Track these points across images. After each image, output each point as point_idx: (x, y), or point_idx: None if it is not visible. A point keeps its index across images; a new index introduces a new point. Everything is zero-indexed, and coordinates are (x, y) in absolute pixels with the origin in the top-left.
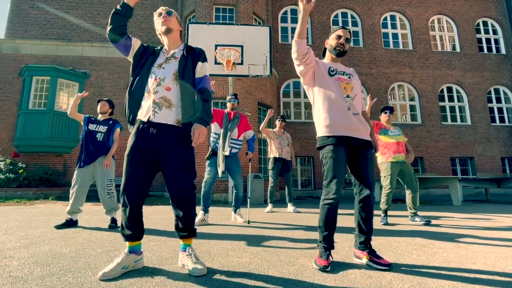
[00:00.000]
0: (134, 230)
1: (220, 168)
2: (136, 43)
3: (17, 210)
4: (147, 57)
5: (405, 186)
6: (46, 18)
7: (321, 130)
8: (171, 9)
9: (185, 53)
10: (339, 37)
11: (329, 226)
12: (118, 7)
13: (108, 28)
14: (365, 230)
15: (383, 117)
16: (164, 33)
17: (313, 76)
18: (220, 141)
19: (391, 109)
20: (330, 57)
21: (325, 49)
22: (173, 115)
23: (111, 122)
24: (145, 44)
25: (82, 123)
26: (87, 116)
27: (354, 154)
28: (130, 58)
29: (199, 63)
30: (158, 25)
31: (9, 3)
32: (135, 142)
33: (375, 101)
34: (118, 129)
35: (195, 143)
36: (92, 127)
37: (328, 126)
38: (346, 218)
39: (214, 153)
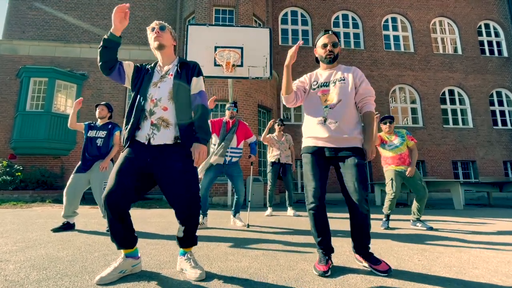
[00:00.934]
0: (121, 239)
1: (212, 160)
2: (129, 68)
3: (13, 213)
4: (142, 77)
5: (414, 194)
6: (44, 19)
7: (303, 141)
8: (165, 24)
9: (179, 69)
10: (324, 45)
11: (320, 231)
12: (106, 39)
13: (99, 64)
14: (357, 238)
15: (383, 128)
16: (157, 49)
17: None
18: (215, 147)
19: (391, 118)
20: (324, 66)
21: (316, 58)
22: (171, 133)
23: (110, 126)
24: (138, 65)
25: (83, 132)
26: (87, 124)
27: (335, 163)
28: (128, 85)
29: (194, 79)
30: (151, 40)
31: (7, 3)
32: (130, 157)
33: (377, 116)
34: (117, 132)
35: (196, 163)
36: (91, 133)
37: (306, 138)
38: (348, 222)
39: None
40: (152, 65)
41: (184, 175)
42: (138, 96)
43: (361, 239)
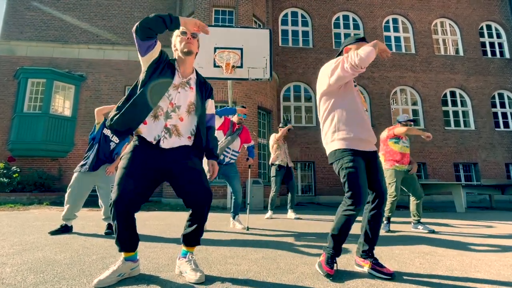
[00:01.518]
0: (127, 242)
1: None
2: (158, 47)
3: (10, 216)
4: (163, 68)
5: (410, 194)
6: (42, 19)
7: (339, 142)
8: (197, 32)
9: (199, 87)
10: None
11: (342, 236)
12: (169, 20)
13: (143, 27)
14: (372, 240)
15: (403, 128)
16: (184, 54)
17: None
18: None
19: (412, 121)
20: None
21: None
22: (181, 142)
23: None
24: (162, 50)
25: (98, 124)
26: (105, 120)
27: (368, 164)
28: (144, 60)
29: (209, 100)
30: (180, 43)
31: (5, 4)
32: (137, 157)
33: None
34: (127, 144)
35: (212, 178)
36: (107, 131)
37: (349, 139)
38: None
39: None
40: (172, 59)
41: (200, 171)
42: (155, 87)
43: (376, 236)
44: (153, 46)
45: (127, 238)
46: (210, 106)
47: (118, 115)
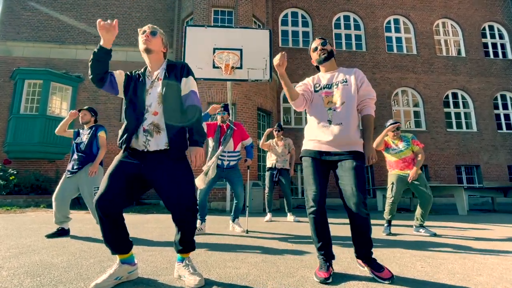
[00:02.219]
0: (115, 244)
1: (208, 177)
2: (120, 77)
3: (6, 218)
4: (134, 84)
5: (418, 199)
6: (39, 19)
7: (304, 144)
8: (157, 29)
9: (167, 72)
10: (315, 49)
11: (320, 236)
12: (96, 52)
13: (90, 77)
14: (358, 242)
15: (390, 134)
16: (144, 52)
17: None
18: (209, 154)
19: (397, 124)
20: (324, 68)
21: (317, 66)
22: (163, 139)
23: (93, 128)
24: (128, 72)
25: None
26: (76, 131)
27: (335, 166)
28: (121, 95)
29: (183, 79)
30: (139, 42)
31: (1, 4)
32: (123, 161)
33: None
34: (101, 132)
35: (194, 167)
36: (78, 139)
37: (308, 140)
38: (348, 228)
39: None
40: (142, 70)
41: (181, 179)
42: (132, 104)
43: (362, 243)
44: (113, 80)
45: (114, 240)
46: (185, 85)
47: (125, 141)
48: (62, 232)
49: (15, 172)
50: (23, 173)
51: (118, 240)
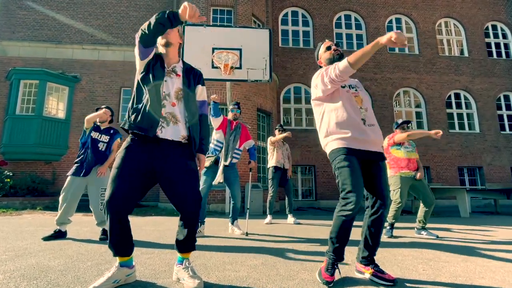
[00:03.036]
0: (121, 245)
1: (218, 179)
2: (154, 51)
3: (2, 221)
4: (154, 64)
5: (421, 201)
6: (35, 18)
7: (333, 143)
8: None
9: (186, 72)
10: (328, 48)
11: (341, 239)
12: (170, 17)
13: (143, 35)
14: (372, 246)
15: (403, 134)
16: (164, 46)
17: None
18: (223, 151)
19: (407, 123)
20: None
21: (320, 67)
22: (179, 131)
23: (112, 131)
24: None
25: (87, 129)
26: (94, 126)
27: (368, 167)
28: (141, 63)
29: (200, 86)
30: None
31: None
32: (130, 155)
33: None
34: (118, 139)
35: (201, 170)
36: (95, 135)
37: (342, 139)
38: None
39: (216, 161)
40: (159, 52)
41: (192, 173)
42: (155, 82)
43: (377, 242)
44: (151, 51)
45: (121, 242)
46: (201, 93)
47: (138, 116)
48: (59, 235)
49: (11, 174)
50: (19, 175)
51: (124, 241)
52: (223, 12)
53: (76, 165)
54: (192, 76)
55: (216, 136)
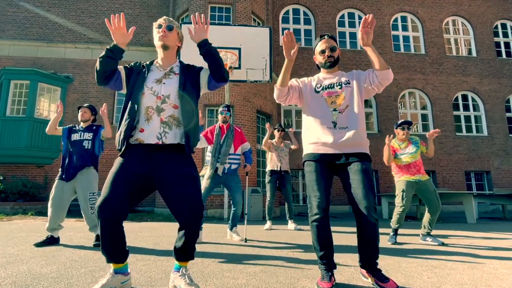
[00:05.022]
0: (113, 252)
1: (204, 184)
2: (122, 72)
3: None
4: (137, 74)
5: (426, 206)
6: (26, 16)
7: (305, 148)
8: (173, 23)
9: (183, 71)
10: (322, 51)
11: (322, 245)
12: (110, 49)
13: (97, 73)
14: (365, 250)
15: (399, 133)
16: (160, 48)
17: (299, 99)
18: (211, 158)
19: (409, 124)
20: (325, 70)
21: (317, 65)
22: (182, 134)
23: (94, 127)
24: (127, 65)
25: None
26: (66, 128)
27: (342, 170)
28: (124, 90)
29: (205, 69)
30: (155, 38)
31: None
32: (127, 163)
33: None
34: (103, 131)
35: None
36: (75, 137)
37: (310, 143)
38: (353, 236)
39: (216, 169)
40: (147, 63)
41: (193, 179)
42: (135, 92)
43: (369, 252)
44: (119, 76)
45: (113, 248)
46: (207, 73)
47: (119, 135)
48: (52, 241)
49: (1, 178)
50: (10, 179)
51: (117, 247)
52: (221, 9)
53: (61, 169)
54: (190, 72)
55: (208, 148)
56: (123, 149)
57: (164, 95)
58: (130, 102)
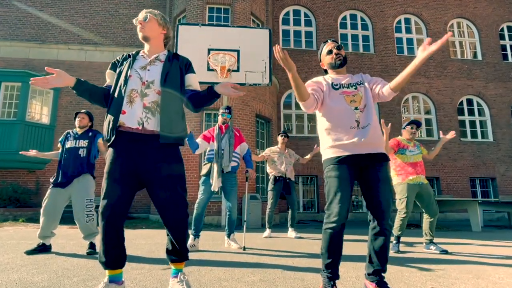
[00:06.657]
0: (114, 256)
1: (216, 184)
2: (113, 76)
3: None
4: (122, 64)
5: (423, 210)
6: (17, 16)
7: (324, 152)
8: (149, 13)
9: (169, 59)
10: (329, 52)
11: (332, 253)
12: (75, 92)
13: (96, 104)
14: (376, 261)
15: (408, 132)
16: (143, 40)
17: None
18: (214, 157)
19: (418, 124)
20: (334, 72)
21: (325, 70)
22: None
23: (90, 134)
24: (116, 61)
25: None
26: (62, 139)
27: (365, 173)
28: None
29: (190, 75)
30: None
31: None
32: (117, 160)
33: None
34: (100, 140)
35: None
36: (70, 144)
37: (332, 146)
38: (355, 245)
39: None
40: (133, 52)
41: (177, 178)
42: (120, 79)
43: (383, 260)
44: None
45: (114, 252)
46: (193, 81)
47: (106, 124)
48: (43, 248)
49: None
50: (0, 184)
51: (117, 252)
52: (219, 10)
53: (56, 175)
54: (178, 62)
55: (208, 147)
56: (112, 139)
57: (148, 80)
58: (117, 87)
